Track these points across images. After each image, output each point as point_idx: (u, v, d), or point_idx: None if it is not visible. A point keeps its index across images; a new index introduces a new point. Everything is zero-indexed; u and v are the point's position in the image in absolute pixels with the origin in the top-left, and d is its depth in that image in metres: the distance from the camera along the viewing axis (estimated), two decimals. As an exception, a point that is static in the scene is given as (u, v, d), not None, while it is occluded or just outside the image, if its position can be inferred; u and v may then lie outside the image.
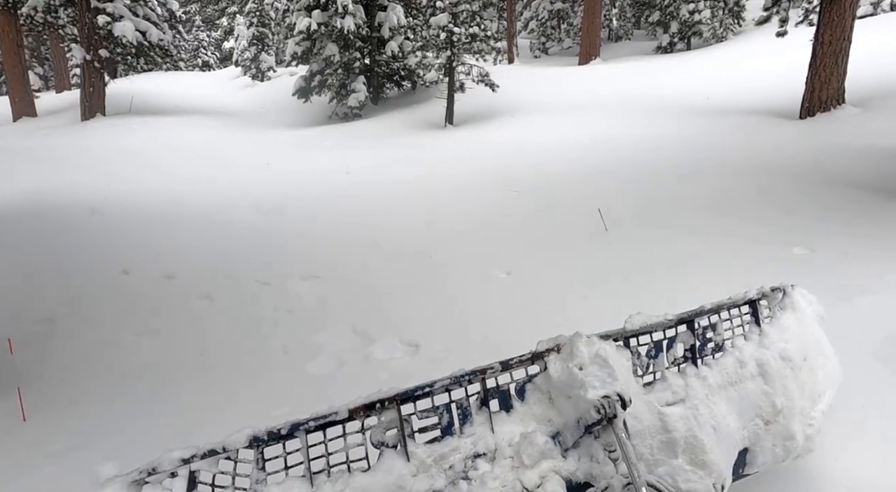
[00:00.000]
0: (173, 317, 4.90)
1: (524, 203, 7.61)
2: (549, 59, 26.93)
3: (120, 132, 14.24)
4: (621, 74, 17.19)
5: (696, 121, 11.16)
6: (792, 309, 2.43)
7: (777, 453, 2.30)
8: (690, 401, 2.11)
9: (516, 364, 1.95)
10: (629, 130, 11.11)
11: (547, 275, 5.32)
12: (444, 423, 1.88)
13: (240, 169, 10.86)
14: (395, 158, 11.45)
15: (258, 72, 24.81)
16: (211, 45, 37.62)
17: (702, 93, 13.73)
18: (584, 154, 9.76)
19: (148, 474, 1.55)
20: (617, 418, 1.82)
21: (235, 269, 5.82)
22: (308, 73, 17.51)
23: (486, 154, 10.87)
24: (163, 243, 6.51)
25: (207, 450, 1.61)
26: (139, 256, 6.10)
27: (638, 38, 28.19)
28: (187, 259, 6.05)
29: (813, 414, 2.37)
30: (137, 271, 5.74)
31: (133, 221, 7.34)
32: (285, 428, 1.67)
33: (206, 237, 6.77)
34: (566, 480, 1.82)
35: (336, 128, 15.79)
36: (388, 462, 1.76)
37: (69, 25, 18.32)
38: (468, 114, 14.99)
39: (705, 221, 6.09)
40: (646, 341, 2.16)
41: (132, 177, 9.98)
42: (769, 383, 2.26)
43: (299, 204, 8.23)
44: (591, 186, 7.90)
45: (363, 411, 1.76)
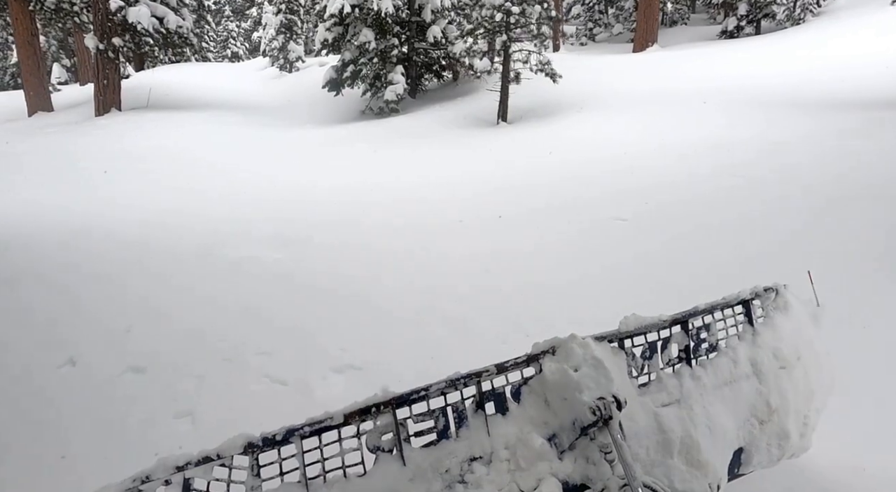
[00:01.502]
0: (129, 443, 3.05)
1: (639, 240, 5.54)
2: (596, 46, 24.03)
3: (130, 131, 12.75)
4: (689, 63, 14.75)
5: (808, 119, 8.86)
6: (785, 309, 2.44)
7: (772, 453, 2.31)
8: (685, 401, 2.12)
9: (511, 367, 1.95)
10: (731, 130, 9.00)
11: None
12: (439, 426, 1.87)
13: (258, 180, 9.08)
14: (444, 164, 9.70)
15: (286, 62, 23.18)
16: (240, 35, 37.26)
17: (795, 82, 11.28)
18: (693, 165, 7.62)
19: (142, 482, 1.53)
20: (612, 419, 1.82)
21: (236, 358, 3.81)
22: (340, 62, 15.52)
23: (558, 161, 8.90)
24: (134, 307, 4.52)
25: (202, 457, 1.59)
26: (95, 330, 4.16)
27: (694, 23, 25.56)
28: (166, 338, 4.07)
29: (807, 413, 2.38)
30: (88, 360, 3.79)
31: (97, 269, 5.25)
32: (280, 434, 1.66)
33: (200, 295, 4.78)
34: (563, 482, 1.82)
35: (370, 125, 13.79)
36: (384, 467, 1.76)
37: (86, 12, 16.70)
38: (523, 108, 12.89)
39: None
40: (640, 342, 2.16)
41: (122, 193, 8.29)
42: (763, 382, 2.27)
43: (331, 234, 6.31)
44: (722, 213, 5.84)
45: (359, 416, 1.75)
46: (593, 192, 7.17)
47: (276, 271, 5.29)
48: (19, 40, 16.08)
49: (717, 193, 6.55)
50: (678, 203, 6.38)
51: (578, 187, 7.40)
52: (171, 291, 4.87)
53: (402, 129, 12.90)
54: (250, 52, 36.57)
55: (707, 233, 5.54)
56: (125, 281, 5.04)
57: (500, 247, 5.74)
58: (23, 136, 12.71)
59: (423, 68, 16.58)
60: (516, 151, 9.99)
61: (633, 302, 3.53)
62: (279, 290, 4.89)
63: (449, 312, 4.42)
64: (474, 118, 13.22)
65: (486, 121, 12.87)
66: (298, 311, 4.47)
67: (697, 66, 14.28)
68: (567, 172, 8.17)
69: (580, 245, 5.65)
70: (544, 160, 9.13)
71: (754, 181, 6.68)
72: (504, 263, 5.35)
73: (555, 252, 5.53)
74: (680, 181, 7.13)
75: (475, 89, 15.29)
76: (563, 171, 8.30)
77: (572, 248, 5.59)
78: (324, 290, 4.88)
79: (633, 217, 6.13)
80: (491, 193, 7.62)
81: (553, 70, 12.66)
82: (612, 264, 5.13)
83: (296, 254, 5.74)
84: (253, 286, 4.96)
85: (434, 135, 12.09)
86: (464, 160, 9.89)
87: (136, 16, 14.00)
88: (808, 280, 2.84)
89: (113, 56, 14.56)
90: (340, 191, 8.30)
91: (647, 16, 19.88)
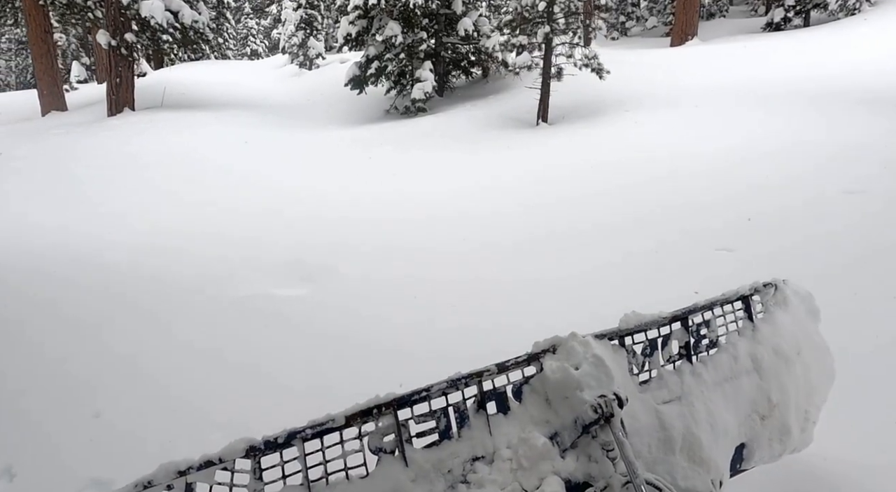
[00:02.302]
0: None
1: (753, 264, 4.46)
2: (628, 41, 22.78)
3: (140, 133, 11.97)
4: (736, 57, 13.62)
5: (883, 119, 7.95)
6: (784, 304, 2.45)
7: (774, 448, 2.32)
8: (686, 398, 2.12)
9: (512, 366, 1.95)
10: (803, 131, 7.95)
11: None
12: (441, 427, 1.87)
13: (274, 190, 8.20)
14: (484, 170, 8.80)
15: (306, 59, 22.45)
16: (260, 33, 37.08)
17: (861, 78, 10.30)
18: (783, 168, 6.60)
19: (143, 488, 1.53)
20: (614, 417, 1.82)
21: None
22: (363, 58, 14.45)
23: (616, 166, 7.87)
24: (110, 376, 3.42)
25: (203, 461, 1.59)
26: (50, 417, 3.04)
27: (733, 16, 24.18)
28: (145, 427, 2.93)
29: (808, 408, 2.38)
30: (30, 475, 2.66)
31: (72, 313, 4.19)
32: (282, 437, 1.66)
33: (200, 348, 3.74)
34: (565, 480, 1.82)
35: (397, 126, 12.75)
36: (386, 468, 1.75)
37: (100, 8, 15.72)
38: (564, 107, 11.82)
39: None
40: (640, 340, 2.16)
41: (120, 208, 7.45)
42: (764, 378, 2.27)
43: (361, 262, 5.27)
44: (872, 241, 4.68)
45: (360, 418, 1.75)
46: (675, 200, 6.24)
47: (292, 317, 4.12)
48: (32, 37, 15.46)
49: (827, 204, 5.54)
50: (784, 216, 5.30)
51: (652, 196, 6.41)
52: (163, 349, 3.73)
53: (432, 130, 11.91)
54: (270, 50, 36.40)
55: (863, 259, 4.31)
56: (101, 334, 3.90)
57: (578, 272, 4.66)
58: (27, 138, 12.11)
59: (451, 64, 15.62)
60: (564, 155, 8.99)
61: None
62: (295, 342, 3.70)
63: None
64: (511, 118, 12.13)
65: (524, 121, 11.75)
66: (319, 378, 3.23)
67: (747, 61, 13.10)
68: (630, 179, 7.12)
69: (675, 271, 4.43)
70: (599, 165, 8.10)
71: (871, 190, 5.65)
72: (596, 289, 4.27)
73: (654, 277, 4.37)
74: (774, 186, 6.18)
75: (507, 87, 14.19)
76: (625, 177, 7.26)
77: (665, 274, 4.43)
78: (355, 344, 3.66)
79: (732, 231, 5.17)
80: (547, 206, 6.66)
81: (600, 65, 11.42)
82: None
83: (317, 292, 4.54)
84: (263, 337, 3.85)
85: (468, 137, 11.06)
86: (506, 165, 8.94)
87: (149, 10, 13.23)
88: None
89: (126, 53, 13.85)
90: (368, 204, 7.38)
91: (687, 7, 18.60)
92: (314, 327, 3.99)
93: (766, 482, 2.60)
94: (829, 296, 2.88)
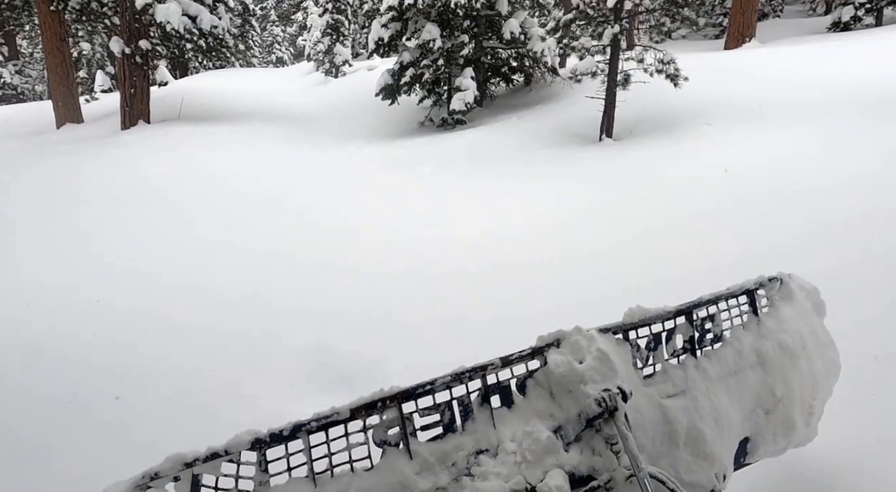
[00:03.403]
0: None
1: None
2: (673, 43, 20.87)
3: (151, 152, 10.67)
4: (813, 61, 11.78)
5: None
6: (789, 299, 2.44)
7: (778, 442, 2.32)
8: (691, 392, 2.12)
9: (516, 360, 1.95)
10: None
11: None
12: (445, 420, 1.88)
13: (292, 228, 6.83)
14: (549, 197, 7.27)
15: (331, 67, 21.49)
16: (285, 40, 36.95)
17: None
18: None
19: (151, 479, 1.54)
20: (618, 410, 1.82)
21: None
22: (397, 65, 13.06)
23: (708, 194, 6.36)
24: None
25: (210, 453, 1.61)
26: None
27: (788, 15, 22.49)
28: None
29: (813, 402, 2.38)
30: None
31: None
32: (287, 429, 1.68)
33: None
34: (569, 473, 1.83)
35: (434, 141, 11.13)
36: (391, 461, 1.77)
37: (118, 14, 15.04)
38: (629, 120, 10.25)
39: None
40: (645, 334, 2.16)
41: (110, 255, 6.09)
42: (768, 372, 2.27)
43: (410, 344, 3.96)
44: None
45: (365, 411, 1.76)
46: (792, 233, 4.97)
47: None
48: (48, 45, 14.55)
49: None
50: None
51: (765, 229, 5.12)
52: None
53: (476, 147, 10.36)
54: (295, 57, 36.23)
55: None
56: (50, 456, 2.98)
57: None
58: (30, 156, 10.93)
59: (490, 71, 14.18)
60: (639, 178, 7.48)
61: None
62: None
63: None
64: (566, 133, 10.53)
65: (583, 136, 10.25)
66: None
67: (827, 65, 11.32)
68: (734, 223, 5.54)
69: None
70: (684, 190, 6.66)
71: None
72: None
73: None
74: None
75: (555, 96, 12.76)
76: (735, 206, 5.84)
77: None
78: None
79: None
80: (637, 243, 5.36)
81: (677, 70, 9.74)
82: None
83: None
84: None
85: (519, 156, 9.57)
86: (570, 192, 7.36)
87: (164, 14, 12.24)
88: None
89: (141, 61, 12.99)
90: (410, 251, 5.90)
91: (745, 6, 16.92)
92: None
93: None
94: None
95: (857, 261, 4.43)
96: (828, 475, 2.64)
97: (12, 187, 9.00)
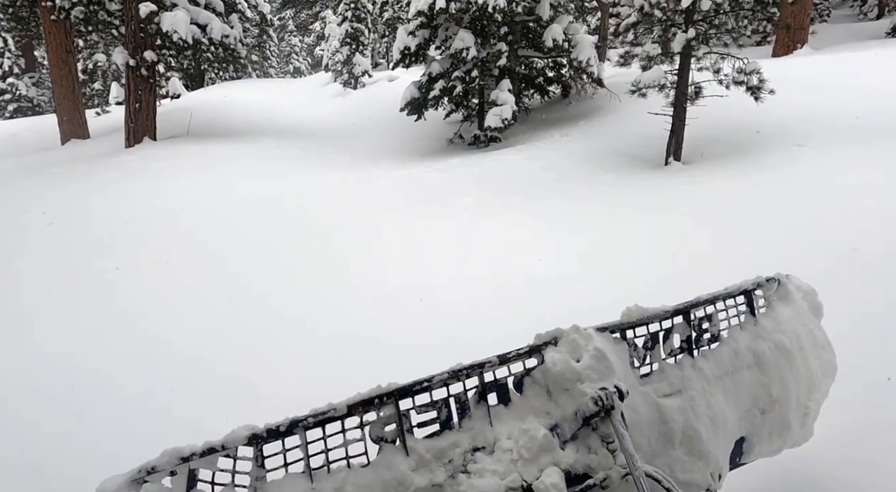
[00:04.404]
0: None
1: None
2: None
3: (150, 178, 9.26)
4: (881, 69, 10.31)
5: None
6: (787, 299, 2.45)
7: (773, 442, 2.33)
8: (687, 392, 2.13)
9: (514, 358, 1.95)
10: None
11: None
12: (442, 417, 1.88)
13: (309, 284, 5.64)
14: (614, 244, 5.86)
15: (350, 77, 20.49)
16: (303, 50, 36.60)
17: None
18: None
19: (147, 473, 1.54)
20: (614, 409, 1.83)
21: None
22: (425, 77, 11.82)
23: (847, 240, 4.91)
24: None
25: (206, 448, 1.61)
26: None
27: (835, 20, 21.34)
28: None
29: (808, 403, 2.39)
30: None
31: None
32: (284, 425, 1.68)
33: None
34: (565, 471, 1.83)
35: (466, 163, 9.80)
36: (387, 457, 1.77)
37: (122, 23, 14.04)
38: (697, 140, 8.85)
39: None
40: (642, 333, 2.17)
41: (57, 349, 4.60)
42: (765, 372, 2.28)
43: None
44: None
45: (362, 407, 1.76)
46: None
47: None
48: (53, 57, 13.76)
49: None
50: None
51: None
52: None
53: (519, 172, 8.87)
54: (312, 67, 35.81)
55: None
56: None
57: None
58: (15, 180, 9.50)
59: (524, 82, 12.80)
60: (729, 215, 6.04)
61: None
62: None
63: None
64: (622, 154, 9.10)
65: (644, 159, 8.84)
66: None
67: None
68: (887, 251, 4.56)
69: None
70: (794, 230, 5.34)
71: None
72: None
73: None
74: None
75: (598, 110, 11.45)
76: (884, 248, 4.67)
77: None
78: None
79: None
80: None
81: (761, 81, 8.14)
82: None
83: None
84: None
85: (573, 182, 8.07)
86: (646, 236, 5.88)
87: (171, 23, 11.34)
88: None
89: (147, 73, 12.07)
90: (452, 315, 4.75)
91: (797, 11, 15.25)
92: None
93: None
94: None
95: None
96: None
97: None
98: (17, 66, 28.13)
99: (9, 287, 5.82)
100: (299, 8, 35.15)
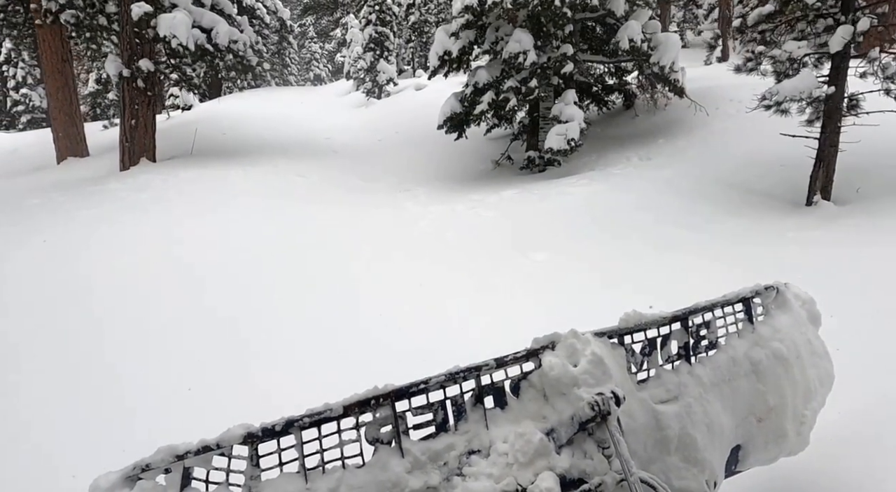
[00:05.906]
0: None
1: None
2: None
3: (138, 217, 7.30)
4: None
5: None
6: (785, 308, 2.45)
7: (769, 450, 2.32)
8: (684, 399, 2.12)
9: (511, 361, 1.95)
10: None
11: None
12: (438, 420, 1.88)
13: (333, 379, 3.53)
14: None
15: (374, 85, 18.98)
16: (323, 57, 36.28)
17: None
18: None
19: (142, 471, 1.54)
20: (611, 415, 1.83)
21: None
22: (470, 88, 9.88)
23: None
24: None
25: (201, 446, 1.60)
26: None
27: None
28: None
29: (805, 412, 2.39)
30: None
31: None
32: (280, 424, 1.67)
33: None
34: (560, 476, 1.83)
35: (525, 195, 7.87)
36: (382, 458, 1.77)
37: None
38: (850, 168, 6.83)
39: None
40: (640, 339, 2.16)
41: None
42: (762, 380, 2.27)
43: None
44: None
45: (358, 408, 1.75)
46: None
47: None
48: (47, 67, 12.49)
49: None
50: None
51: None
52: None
53: (601, 211, 6.76)
54: (333, 74, 35.28)
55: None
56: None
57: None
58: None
59: (580, 91, 10.73)
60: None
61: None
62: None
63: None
64: (734, 187, 7.00)
65: (770, 195, 6.80)
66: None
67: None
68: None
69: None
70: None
71: None
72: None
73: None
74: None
75: (677, 124, 9.39)
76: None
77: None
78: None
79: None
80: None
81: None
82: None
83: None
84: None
85: (677, 229, 6.08)
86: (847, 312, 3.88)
87: (169, 27, 9.86)
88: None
89: (144, 85, 10.71)
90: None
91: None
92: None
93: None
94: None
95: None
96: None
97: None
98: (31, 76, 27.21)
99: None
100: (320, 14, 34.94)
